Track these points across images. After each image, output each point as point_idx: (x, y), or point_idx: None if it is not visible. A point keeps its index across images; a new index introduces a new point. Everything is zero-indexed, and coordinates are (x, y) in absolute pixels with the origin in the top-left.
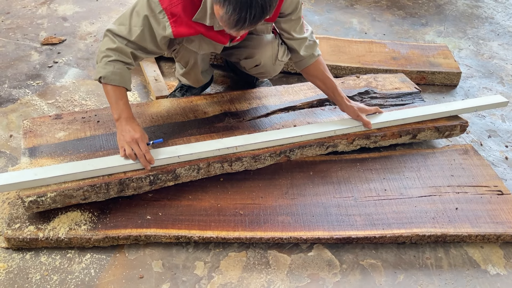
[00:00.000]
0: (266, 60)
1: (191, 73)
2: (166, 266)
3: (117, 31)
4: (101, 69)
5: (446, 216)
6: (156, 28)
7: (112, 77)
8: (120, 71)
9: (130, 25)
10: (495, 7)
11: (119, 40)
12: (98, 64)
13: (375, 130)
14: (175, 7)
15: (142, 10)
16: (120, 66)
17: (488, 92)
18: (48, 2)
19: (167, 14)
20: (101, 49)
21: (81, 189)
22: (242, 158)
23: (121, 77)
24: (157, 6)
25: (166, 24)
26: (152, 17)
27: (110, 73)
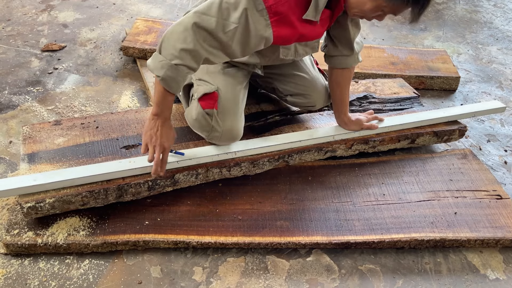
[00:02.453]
0: (321, 103)
1: (228, 121)
2: (164, 271)
3: (202, 23)
4: (163, 69)
5: (445, 221)
6: (254, 27)
7: (171, 84)
8: (182, 79)
9: (222, 18)
10: (494, 12)
11: (200, 36)
12: (161, 57)
13: (373, 135)
14: (281, 6)
15: (241, 2)
16: (184, 73)
17: (487, 97)
18: (49, 9)
19: (270, 13)
20: (174, 42)
21: (79, 195)
22: (240, 163)
23: (178, 86)
24: (259, 2)
25: (267, 23)
26: (251, 13)
27: (171, 79)
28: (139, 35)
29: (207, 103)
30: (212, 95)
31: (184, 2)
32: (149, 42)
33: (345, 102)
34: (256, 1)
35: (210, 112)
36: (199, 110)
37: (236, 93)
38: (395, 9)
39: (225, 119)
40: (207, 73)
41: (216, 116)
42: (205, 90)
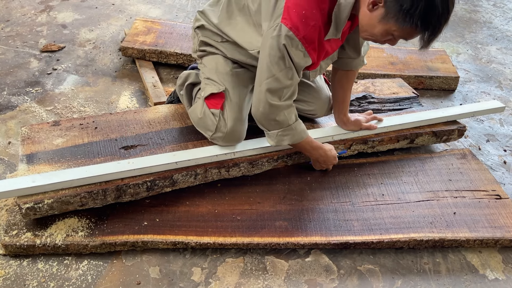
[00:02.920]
0: (322, 112)
1: (233, 122)
2: (163, 272)
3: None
4: (284, 137)
5: (444, 221)
6: (297, 61)
7: (297, 137)
8: (300, 125)
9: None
10: (493, 12)
11: (275, 95)
12: (272, 132)
13: (372, 135)
14: (311, 34)
15: (280, 49)
16: (292, 118)
17: (486, 97)
18: (48, 9)
19: (304, 44)
20: (268, 118)
21: (78, 195)
22: (239, 163)
23: (301, 135)
24: (293, 37)
25: (304, 54)
26: (290, 49)
27: (294, 136)
28: (138, 36)
29: (214, 103)
30: (219, 96)
31: (183, 3)
32: (148, 42)
33: (346, 103)
34: (292, 39)
35: (216, 112)
36: (205, 109)
37: (243, 96)
38: (405, 33)
39: (231, 121)
40: (216, 72)
41: (222, 116)
42: (212, 90)
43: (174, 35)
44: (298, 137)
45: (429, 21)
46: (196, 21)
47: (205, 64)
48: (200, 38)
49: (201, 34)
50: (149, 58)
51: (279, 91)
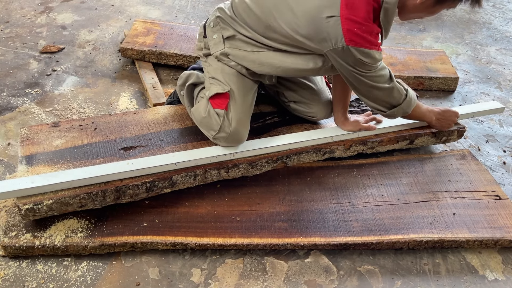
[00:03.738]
0: (322, 115)
1: (237, 123)
2: (162, 273)
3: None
4: (407, 104)
5: (444, 222)
6: None
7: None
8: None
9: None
10: (492, 13)
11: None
12: (399, 108)
13: (372, 136)
14: (377, 40)
15: (375, 56)
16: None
17: (485, 97)
18: (47, 11)
19: (379, 48)
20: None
21: (77, 196)
22: (239, 164)
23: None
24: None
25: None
26: None
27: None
28: (138, 37)
29: (218, 102)
30: (224, 96)
31: (183, 4)
32: (148, 43)
33: (346, 104)
34: (367, 53)
35: (220, 112)
36: (210, 108)
37: (248, 97)
38: (455, 6)
39: (235, 121)
40: (222, 73)
41: (226, 117)
42: (217, 89)
43: (173, 36)
44: (413, 104)
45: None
46: (223, 29)
47: (211, 63)
48: (226, 49)
49: (230, 45)
50: (149, 59)
51: (378, 78)
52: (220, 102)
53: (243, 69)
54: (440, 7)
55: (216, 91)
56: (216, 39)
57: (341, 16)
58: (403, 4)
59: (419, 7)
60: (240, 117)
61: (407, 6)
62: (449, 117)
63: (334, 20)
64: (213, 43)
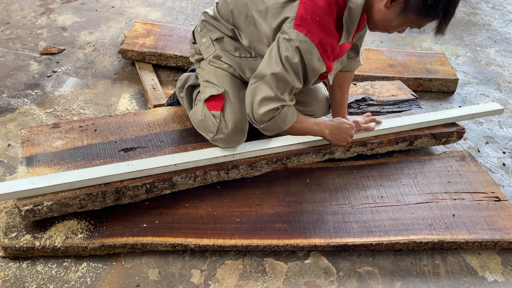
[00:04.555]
0: (320, 113)
1: (234, 124)
2: (162, 274)
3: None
4: None
5: (443, 223)
6: (311, 66)
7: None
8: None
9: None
10: (492, 14)
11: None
12: None
13: (372, 138)
14: (326, 38)
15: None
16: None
17: (485, 99)
18: (48, 12)
19: (319, 49)
20: None
21: (77, 197)
22: (238, 165)
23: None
24: (310, 44)
25: (319, 58)
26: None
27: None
28: (138, 38)
29: (214, 105)
30: (219, 97)
31: (183, 5)
32: (148, 45)
33: (344, 104)
34: (307, 43)
35: (216, 114)
36: (206, 111)
37: (243, 97)
38: (422, 23)
39: (232, 122)
40: (215, 75)
41: (223, 118)
42: (212, 92)
43: (173, 38)
44: (290, 120)
45: (448, 11)
46: (210, 31)
47: (203, 68)
48: (218, 52)
49: (220, 47)
50: (149, 61)
51: (283, 86)
52: (215, 104)
53: (235, 72)
54: (403, 19)
55: (211, 93)
56: (206, 42)
57: (300, 0)
58: (369, 8)
59: (384, 13)
60: (237, 117)
61: (373, 10)
62: (345, 129)
63: (294, 4)
64: (204, 47)
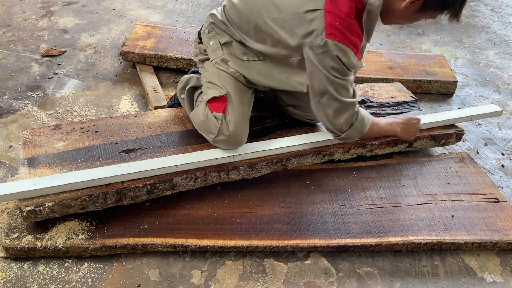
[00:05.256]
0: None
1: (235, 126)
2: (163, 275)
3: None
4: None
5: (442, 224)
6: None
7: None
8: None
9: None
10: (491, 17)
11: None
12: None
13: (371, 139)
14: (356, 41)
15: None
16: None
17: (484, 101)
18: (49, 14)
19: (353, 49)
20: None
21: (78, 198)
22: (239, 167)
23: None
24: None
25: (354, 57)
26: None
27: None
28: (139, 40)
29: (216, 106)
30: (221, 99)
31: (184, 8)
32: (149, 47)
33: None
34: (343, 50)
35: (218, 116)
36: (208, 112)
37: (245, 99)
38: (437, 15)
39: (233, 124)
40: (218, 77)
41: (224, 120)
42: (214, 93)
43: (174, 40)
44: (366, 122)
45: (463, 4)
46: (219, 35)
47: (207, 68)
48: (225, 56)
49: (228, 52)
50: (150, 63)
51: (344, 91)
52: (217, 105)
53: (241, 77)
54: (421, 15)
55: (213, 94)
56: (214, 45)
57: (324, 10)
58: (387, 8)
59: (403, 12)
60: (238, 119)
61: (392, 10)
62: (413, 124)
63: (318, 14)
64: (211, 49)
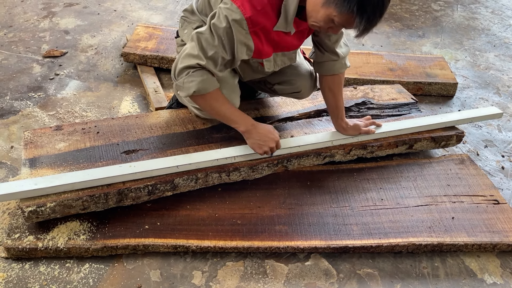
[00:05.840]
0: (306, 88)
1: (225, 89)
2: (164, 275)
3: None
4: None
5: (443, 225)
6: (237, 37)
7: (207, 84)
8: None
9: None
10: (491, 19)
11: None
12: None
13: (371, 141)
14: (258, 17)
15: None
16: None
17: (484, 103)
18: (50, 15)
19: (249, 24)
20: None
21: (80, 199)
22: (239, 168)
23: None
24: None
25: (246, 33)
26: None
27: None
28: (140, 42)
29: None
30: None
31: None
32: (150, 48)
33: (340, 108)
34: (238, 14)
35: (194, 37)
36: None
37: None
38: (344, 20)
39: (223, 88)
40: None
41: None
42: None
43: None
44: (202, 86)
45: (365, 8)
46: (190, 23)
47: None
48: None
49: None
50: (151, 64)
51: (209, 49)
52: None
53: None
54: (326, 10)
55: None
56: (188, 32)
57: None
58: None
59: (313, 4)
60: (227, 83)
61: (307, 1)
62: (266, 141)
63: None
64: (186, 36)
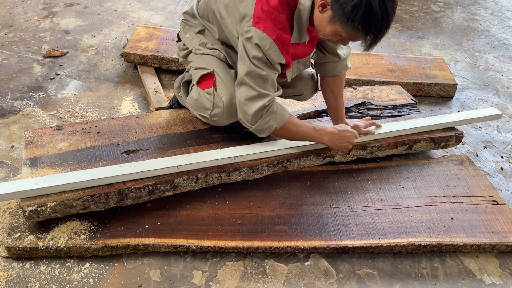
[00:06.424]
0: (308, 91)
1: (228, 95)
2: (164, 275)
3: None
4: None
5: (442, 226)
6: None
7: (280, 118)
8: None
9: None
10: (491, 20)
11: None
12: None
13: (371, 141)
14: (282, 35)
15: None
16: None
17: (483, 104)
18: (51, 15)
19: (278, 44)
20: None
21: (80, 199)
22: (240, 168)
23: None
24: (267, 39)
25: (278, 53)
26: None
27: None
28: (140, 42)
29: (205, 84)
30: (209, 76)
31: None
32: (150, 48)
33: (340, 108)
34: (265, 39)
35: (209, 91)
36: (199, 91)
37: (231, 73)
38: (350, 35)
39: (226, 94)
40: (201, 60)
41: (216, 92)
42: (201, 73)
43: (175, 42)
44: (280, 118)
45: (369, 26)
46: (192, 27)
47: (191, 59)
48: (203, 40)
49: (204, 37)
50: (151, 64)
51: (262, 82)
52: (206, 83)
53: (221, 54)
54: (331, 27)
55: (201, 73)
56: (190, 36)
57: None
58: (312, 12)
59: (318, 19)
60: (230, 90)
61: (314, 15)
62: (346, 137)
63: (250, 1)
64: (188, 40)
